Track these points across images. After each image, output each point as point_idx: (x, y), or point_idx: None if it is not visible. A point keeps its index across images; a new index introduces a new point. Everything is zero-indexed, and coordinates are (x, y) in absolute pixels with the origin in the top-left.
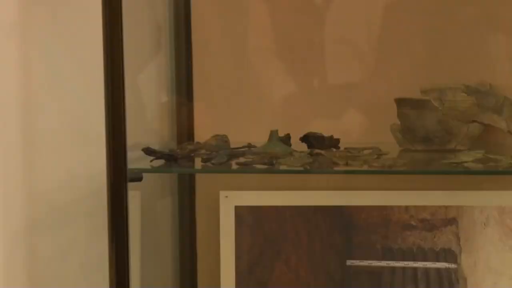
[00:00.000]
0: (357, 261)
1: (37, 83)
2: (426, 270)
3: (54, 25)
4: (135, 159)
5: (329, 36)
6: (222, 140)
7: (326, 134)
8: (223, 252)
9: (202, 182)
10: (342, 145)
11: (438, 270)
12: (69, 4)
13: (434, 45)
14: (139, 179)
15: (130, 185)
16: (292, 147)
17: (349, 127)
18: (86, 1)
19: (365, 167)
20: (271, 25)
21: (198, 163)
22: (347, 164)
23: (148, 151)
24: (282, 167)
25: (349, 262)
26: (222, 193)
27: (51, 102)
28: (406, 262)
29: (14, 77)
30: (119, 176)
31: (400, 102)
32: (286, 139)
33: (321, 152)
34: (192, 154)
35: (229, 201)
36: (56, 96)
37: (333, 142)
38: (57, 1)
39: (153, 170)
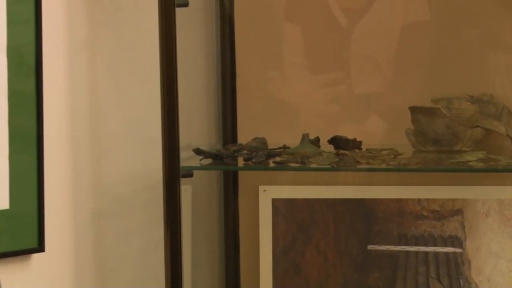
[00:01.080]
0: (377, 246)
1: (103, 92)
2: (436, 254)
3: (117, 43)
4: (186, 158)
5: (353, 53)
6: (261, 142)
7: (350, 137)
8: (262, 238)
9: (244, 178)
10: (364, 147)
11: (446, 254)
12: (130, 25)
13: (442, 61)
14: (190, 175)
15: (183, 180)
16: (321, 148)
17: (370, 131)
18: (144, 23)
19: (383, 165)
20: (303, 43)
21: (240, 162)
22: (368, 163)
23: (198, 151)
24: (312, 165)
25: (369, 247)
26: (261, 188)
27: (115, 109)
28: (418, 247)
29: (84, 87)
30: (173, 172)
31: (414, 110)
32: (316, 141)
33: (345, 153)
34: (236, 154)
35: (267, 195)
36: (119, 104)
37: (356, 144)
38: (119, 22)
39: (202, 167)
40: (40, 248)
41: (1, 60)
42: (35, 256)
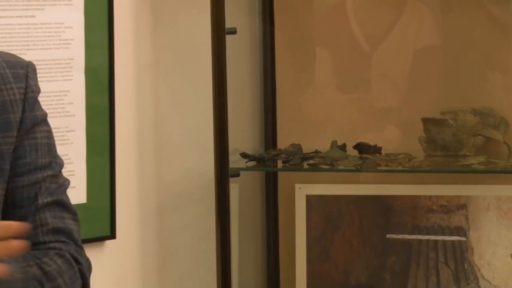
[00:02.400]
0: (394, 235)
1: (164, 105)
2: (444, 242)
3: (177, 64)
4: (234, 161)
5: (374, 73)
6: (297, 147)
7: (371, 143)
8: (297, 229)
9: (283, 178)
10: (383, 151)
11: (452, 242)
12: (187, 48)
13: (449, 79)
14: (237, 175)
15: (231, 179)
16: (347, 152)
17: (388, 138)
18: (199, 47)
19: (399, 167)
20: (332, 65)
21: (279, 164)
22: (386, 165)
23: (244, 155)
24: (340, 167)
25: (388, 236)
26: (297, 186)
27: (175, 119)
28: (429, 236)
29: (149, 101)
30: (223, 173)
31: (425, 121)
32: (343, 147)
33: (368, 156)
34: (275, 158)
35: (302, 192)
36: (178, 115)
37: (376, 149)
38: (178, 46)
39: (248, 168)
40: (112, 235)
41: (80, 79)
42: (108, 242)
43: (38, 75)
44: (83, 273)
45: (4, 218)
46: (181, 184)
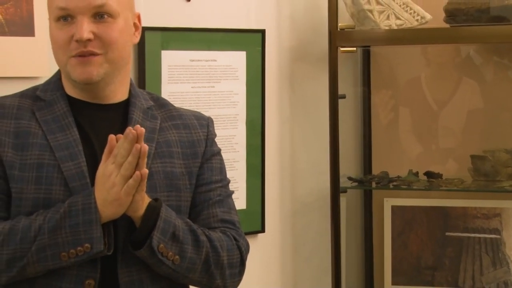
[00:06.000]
0: (451, 233)
1: (297, 143)
2: (485, 239)
3: (306, 115)
4: (343, 182)
5: (440, 125)
6: (385, 173)
7: (436, 171)
8: (385, 228)
9: (375, 194)
10: (443, 177)
11: (491, 238)
12: (312, 107)
13: (490, 129)
14: (345, 191)
15: (341, 194)
16: (419, 177)
17: (448, 168)
18: (320, 106)
19: (455, 188)
20: (411, 119)
21: (373, 184)
22: (446, 186)
23: (349, 178)
24: (414, 187)
25: (447, 234)
26: (385, 199)
27: (304, 152)
28: (475, 234)
29: (287, 140)
30: (336, 189)
31: (473, 157)
32: (416, 174)
33: (433, 180)
34: (371, 180)
35: (388, 203)
36: (306, 150)
37: (439, 175)
38: (306, 104)
39: (352, 187)
40: (262, 230)
41: (243, 128)
42: (259, 235)
43: (215, 125)
44: (240, 248)
45: (187, 216)
46: (307, 197)
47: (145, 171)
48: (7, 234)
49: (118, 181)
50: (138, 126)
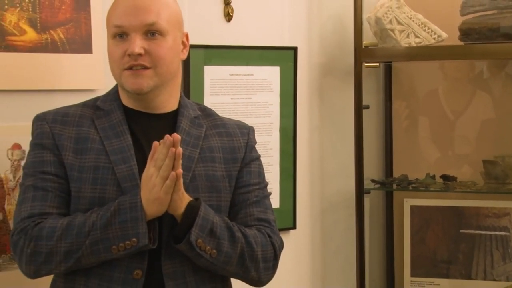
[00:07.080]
0: (465, 230)
1: (326, 150)
2: (496, 236)
3: (333, 125)
4: (367, 184)
5: (456, 133)
6: (405, 176)
7: (451, 175)
8: (405, 226)
9: (396, 195)
10: (458, 180)
11: (501, 235)
12: (339, 116)
13: (501, 137)
14: (369, 192)
15: (365, 195)
16: (436, 180)
17: (462, 172)
18: (345, 116)
19: (468, 190)
20: (429, 128)
21: (394, 186)
22: (460, 188)
23: (373, 180)
24: (431, 189)
25: (461, 231)
26: (405, 200)
27: (331, 157)
28: (486, 231)
29: (316, 146)
30: (360, 191)
31: (485, 162)
32: (433, 177)
33: (448, 183)
34: (392, 182)
35: (408, 203)
36: (334, 155)
37: (454, 178)
38: (333, 114)
39: (375, 188)
40: (294, 227)
41: (276, 135)
42: (291, 231)
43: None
44: (273, 244)
45: (227, 215)
46: (334, 197)
47: (180, 171)
48: (65, 229)
49: (157, 182)
50: (175, 133)
